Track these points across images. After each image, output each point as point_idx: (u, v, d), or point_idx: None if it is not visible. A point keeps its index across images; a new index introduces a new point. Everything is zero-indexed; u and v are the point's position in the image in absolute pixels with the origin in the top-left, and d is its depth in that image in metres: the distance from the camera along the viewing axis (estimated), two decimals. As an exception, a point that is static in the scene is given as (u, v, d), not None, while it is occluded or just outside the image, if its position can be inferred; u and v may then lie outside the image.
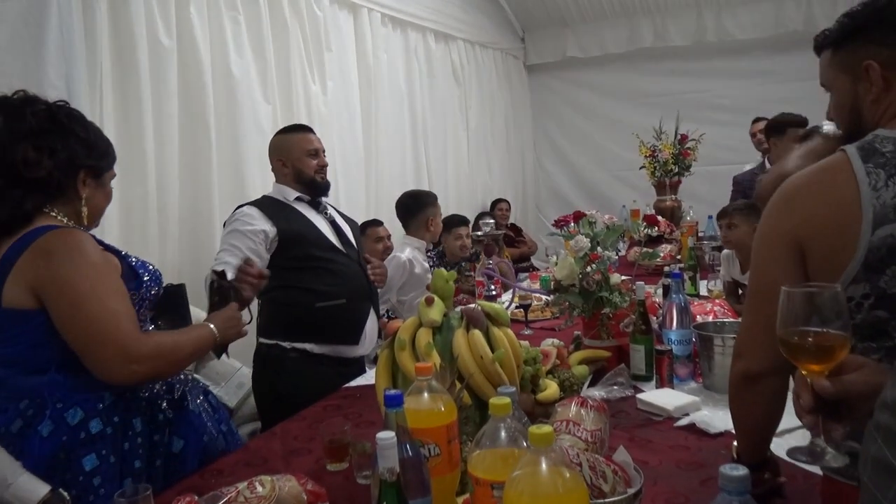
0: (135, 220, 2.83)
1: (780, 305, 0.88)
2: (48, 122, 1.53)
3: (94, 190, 1.61)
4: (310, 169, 2.50)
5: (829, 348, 0.84)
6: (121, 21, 2.76)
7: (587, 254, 2.14)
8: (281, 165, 2.52)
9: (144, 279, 1.62)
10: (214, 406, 1.87)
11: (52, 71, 2.39)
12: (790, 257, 1.07)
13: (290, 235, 2.37)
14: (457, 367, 1.40)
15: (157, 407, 1.63)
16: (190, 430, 1.68)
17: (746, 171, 4.15)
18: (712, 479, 1.31)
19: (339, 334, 2.44)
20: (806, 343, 0.85)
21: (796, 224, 1.07)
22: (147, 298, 1.63)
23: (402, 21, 4.97)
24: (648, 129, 5.19)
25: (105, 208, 1.69)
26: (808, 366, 0.86)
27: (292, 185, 2.50)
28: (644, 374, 2.03)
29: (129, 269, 1.60)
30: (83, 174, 1.57)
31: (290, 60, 3.72)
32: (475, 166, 6.14)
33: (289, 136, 2.58)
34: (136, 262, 1.65)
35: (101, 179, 1.63)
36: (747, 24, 5.99)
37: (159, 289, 1.70)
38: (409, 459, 1.03)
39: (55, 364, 1.48)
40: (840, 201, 1.03)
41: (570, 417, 1.38)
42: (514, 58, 7.01)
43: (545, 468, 0.83)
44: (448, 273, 1.56)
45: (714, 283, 3.09)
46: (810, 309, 0.86)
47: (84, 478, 1.44)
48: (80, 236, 1.51)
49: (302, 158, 2.50)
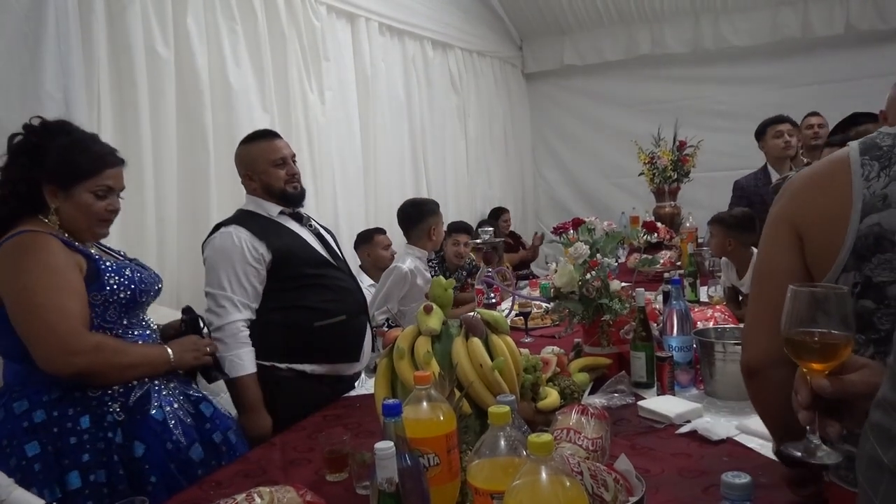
0: (133, 231, 2.82)
1: (785, 304, 0.88)
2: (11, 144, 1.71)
3: (64, 202, 1.72)
4: (278, 180, 2.32)
5: (832, 348, 0.84)
6: (118, 32, 2.77)
7: (586, 261, 2.13)
8: (248, 179, 2.36)
9: (109, 282, 1.71)
10: (207, 416, 1.86)
11: (49, 83, 2.38)
12: (789, 242, 1.12)
13: (282, 255, 2.24)
14: (456, 375, 1.39)
15: (107, 408, 1.69)
16: (150, 434, 1.71)
17: (749, 176, 4.15)
18: (715, 487, 1.29)
19: (341, 353, 2.33)
20: (809, 342, 0.85)
21: (795, 211, 1.13)
22: (115, 301, 1.73)
23: (399, 30, 4.98)
24: (647, 136, 5.20)
25: (87, 220, 1.75)
26: (811, 365, 0.86)
27: (266, 198, 2.35)
28: (645, 382, 2.01)
29: (93, 272, 1.71)
30: (49, 188, 1.70)
31: (287, 70, 3.72)
32: (474, 175, 6.15)
33: (251, 145, 2.38)
34: (108, 266, 1.74)
35: (70, 192, 1.72)
36: (745, 31, 6.01)
37: (137, 293, 1.77)
38: (408, 469, 1.02)
39: (16, 354, 1.66)
40: (835, 191, 1.08)
41: (571, 426, 1.37)
42: (512, 66, 7.03)
43: (545, 477, 0.82)
44: (447, 281, 1.55)
45: (714, 290, 3.08)
46: (815, 309, 0.86)
47: (26, 462, 1.58)
48: (42, 240, 1.65)
49: (268, 170, 2.32)
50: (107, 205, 1.78)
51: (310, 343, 2.27)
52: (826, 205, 1.09)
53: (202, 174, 3.13)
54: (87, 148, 1.75)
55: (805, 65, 5.81)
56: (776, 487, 1.35)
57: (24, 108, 2.25)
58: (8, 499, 1.32)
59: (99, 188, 1.75)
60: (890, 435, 0.68)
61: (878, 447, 0.70)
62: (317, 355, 2.28)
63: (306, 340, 2.26)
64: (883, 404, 0.69)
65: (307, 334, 2.26)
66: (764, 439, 1.59)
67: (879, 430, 0.69)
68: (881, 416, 0.69)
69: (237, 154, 2.44)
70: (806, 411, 0.86)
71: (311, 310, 2.27)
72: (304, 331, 2.26)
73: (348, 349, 2.34)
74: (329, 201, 3.95)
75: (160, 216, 2.93)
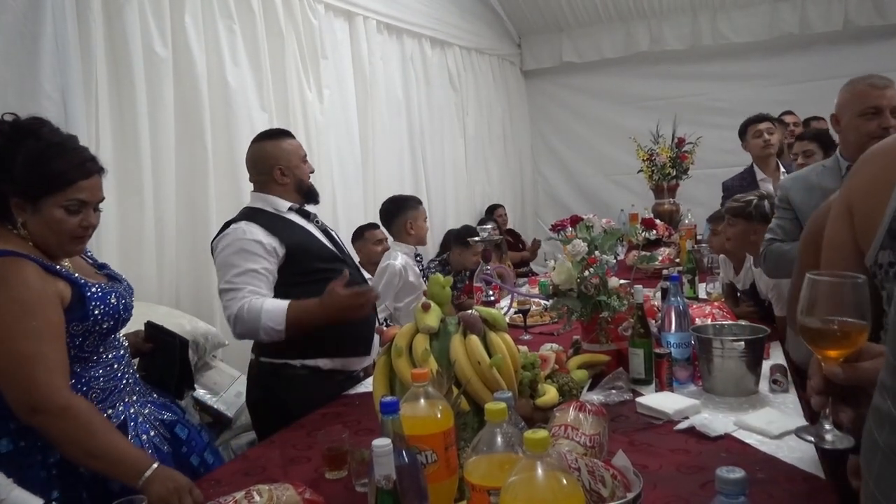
0: (131, 231, 2.83)
1: (802, 291, 0.88)
2: None
3: (31, 216, 1.52)
4: (306, 176, 2.39)
5: (847, 336, 0.84)
6: (116, 31, 2.77)
7: (585, 258, 2.13)
8: (280, 175, 2.33)
9: (94, 312, 1.55)
10: (183, 439, 1.78)
11: (46, 82, 2.38)
12: (843, 216, 1.11)
13: (296, 249, 2.23)
14: (454, 372, 1.40)
15: None
16: None
17: (735, 177, 4.14)
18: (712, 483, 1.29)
19: (354, 346, 2.32)
20: (825, 330, 0.85)
21: (852, 186, 1.12)
22: (96, 332, 1.58)
23: (397, 28, 4.98)
24: (646, 133, 5.21)
25: (56, 238, 1.55)
26: (826, 352, 0.86)
27: (288, 194, 2.34)
28: (643, 378, 2.02)
29: (78, 300, 1.54)
30: (15, 200, 1.52)
31: (285, 69, 3.72)
32: (473, 173, 6.15)
33: (281, 142, 2.37)
34: (95, 293, 1.58)
35: (38, 206, 1.52)
36: (743, 28, 6.01)
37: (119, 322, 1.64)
38: (406, 467, 1.03)
39: None
40: (887, 169, 1.05)
41: (569, 422, 1.37)
42: (510, 63, 7.03)
43: (541, 474, 0.82)
44: (444, 279, 1.55)
45: (713, 286, 3.08)
46: (832, 297, 0.86)
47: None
48: (15, 268, 1.45)
49: (300, 166, 2.36)
50: (80, 220, 1.55)
51: (323, 337, 2.24)
52: (874, 181, 1.06)
53: (200, 173, 3.14)
54: (57, 156, 1.52)
55: (803, 61, 5.81)
56: (773, 482, 1.36)
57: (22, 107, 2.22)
58: (7, 498, 1.32)
59: (70, 203, 1.52)
60: (881, 415, 0.70)
61: (874, 427, 0.71)
62: (331, 349, 2.27)
63: (319, 334, 2.23)
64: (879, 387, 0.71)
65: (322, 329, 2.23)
66: (762, 435, 1.60)
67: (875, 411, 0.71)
68: (877, 398, 0.71)
69: (264, 150, 2.36)
70: (819, 396, 0.87)
71: None
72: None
73: (360, 342, 2.35)
74: (328, 199, 3.95)
75: (158, 216, 2.93)
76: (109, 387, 1.64)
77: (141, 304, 2.46)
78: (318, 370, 2.27)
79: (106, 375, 1.64)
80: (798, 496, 1.28)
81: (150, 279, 2.87)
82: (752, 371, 1.90)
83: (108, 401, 1.63)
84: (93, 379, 1.60)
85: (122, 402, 1.66)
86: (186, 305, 3.01)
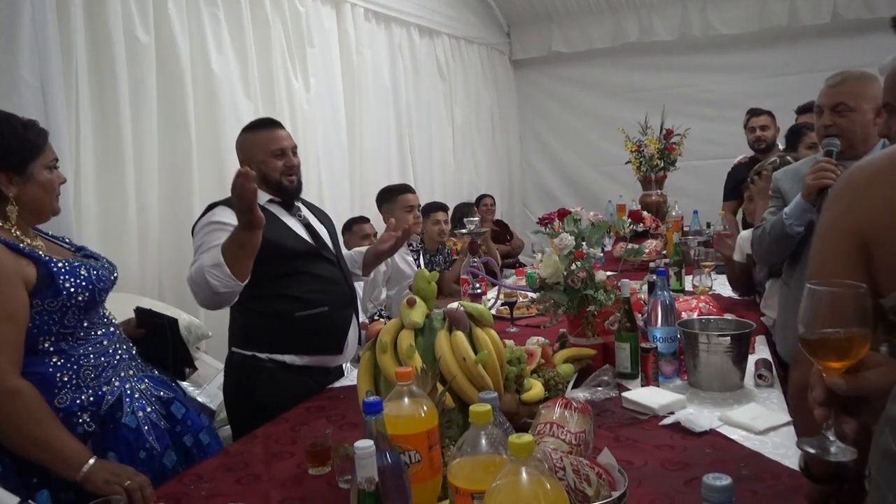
0: (113, 220, 2.79)
1: (802, 303, 0.85)
2: None
3: (24, 185, 1.58)
4: (275, 171, 2.28)
5: (849, 347, 0.82)
6: (96, 17, 2.71)
7: (572, 252, 2.12)
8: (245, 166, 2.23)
9: (65, 286, 1.57)
10: (178, 418, 1.79)
11: (25, 69, 2.33)
12: (855, 254, 0.96)
13: (267, 242, 2.14)
14: (439, 369, 1.38)
15: (77, 419, 1.58)
16: (122, 444, 1.63)
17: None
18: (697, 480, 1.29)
19: (322, 345, 2.29)
20: (827, 342, 0.83)
21: (862, 217, 0.97)
22: (73, 306, 1.59)
23: (385, 16, 4.93)
24: (634, 124, 5.20)
25: (49, 197, 1.63)
26: (827, 363, 0.84)
27: (260, 187, 2.25)
28: (629, 372, 2.02)
29: (46, 277, 1.55)
30: (3, 176, 1.55)
31: (271, 57, 3.67)
32: (461, 162, 6.12)
33: (253, 134, 2.34)
34: (61, 268, 1.59)
35: (27, 172, 1.58)
36: (732, 19, 6.00)
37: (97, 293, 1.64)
38: (389, 467, 1.01)
39: None
40: None
41: (554, 420, 1.36)
42: (499, 53, 6.99)
43: (525, 478, 0.81)
44: (430, 274, 1.53)
45: (699, 279, 3.08)
46: (833, 308, 0.83)
47: None
48: None
49: (267, 160, 2.27)
50: (58, 176, 1.66)
51: (290, 333, 2.24)
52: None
53: (184, 163, 3.09)
54: (21, 124, 1.60)
55: (792, 53, 5.82)
56: (757, 479, 1.36)
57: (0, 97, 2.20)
58: None
59: (51, 161, 1.64)
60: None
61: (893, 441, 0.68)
62: (297, 346, 2.25)
63: (287, 331, 2.23)
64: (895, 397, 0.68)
65: (288, 324, 2.23)
66: (747, 430, 1.60)
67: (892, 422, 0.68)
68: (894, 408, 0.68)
69: (238, 140, 2.39)
70: (821, 408, 0.85)
71: (292, 300, 2.23)
72: (285, 321, 2.23)
73: (330, 341, 2.31)
74: (314, 189, 3.91)
75: (141, 205, 2.89)
76: (101, 363, 1.65)
77: (124, 296, 2.43)
78: (286, 365, 2.25)
79: (96, 353, 1.65)
80: (782, 493, 1.28)
81: (132, 270, 2.83)
82: (738, 366, 1.90)
83: (101, 377, 1.64)
84: (82, 356, 1.62)
85: (117, 378, 1.67)
86: (170, 296, 2.97)
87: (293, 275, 2.24)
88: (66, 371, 1.58)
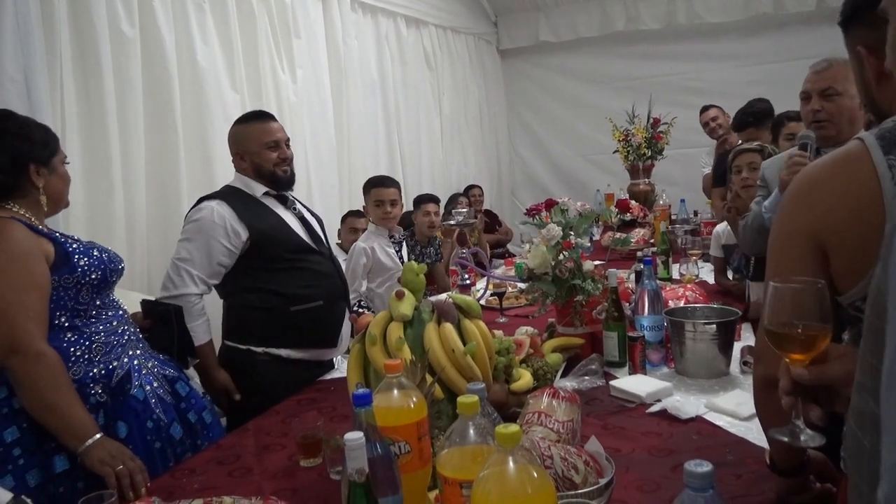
0: (101, 214, 2.77)
1: (766, 299, 0.90)
2: None
3: (49, 177, 1.74)
4: (269, 162, 2.32)
5: (811, 340, 0.87)
6: (80, 10, 2.69)
7: (559, 242, 2.13)
8: (239, 159, 2.36)
9: (80, 264, 1.69)
10: (183, 395, 1.89)
11: (9, 63, 2.31)
12: (811, 256, 0.98)
13: (262, 236, 2.22)
14: (428, 360, 1.39)
15: (89, 389, 1.69)
16: (131, 414, 1.73)
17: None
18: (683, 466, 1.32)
19: (317, 338, 2.32)
20: (790, 335, 0.88)
21: (815, 220, 0.98)
22: (87, 283, 1.71)
23: (372, 7, 4.91)
24: (622, 112, 5.21)
25: (65, 189, 1.81)
26: (792, 355, 0.89)
27: (255, 178, 2.34)
28: (617, 361, 2.04)
29: (63, 256, 1.68)
30: (34, 167, 1.70)
31: (257, 48, 3.65)
32: (449, 153, 6.12)
33: (246, 126, 2.38)
34: (76, 248, 1.72)
35: (51, 165, 1.74)
36: (718, 8, 6.01)
37: (108, 273, 1.76)
38: (379, 458, 1.02)
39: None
40: (859, 197, 0.93)
41: (542, 409, 1.38)
42: (486, 42, 6.98)
43: (513, 468, 0.83)
44: (418, 266, 1.54)
45: (686, 268, 3.11)
46: (795, 303, 0.88)
47: (4, 448, 1.55)
48: (3, 226, 1.61)
49: (260, 152, 2.31)
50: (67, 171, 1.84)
51: (286, 327, 2.26)
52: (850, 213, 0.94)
53: (171, 156, 3.08)
54: (37, 123, 1.79)
55: (777, 41, 5.83)
56: (742, 464, 1.39)
57: (-17, 90, 2.19)
58: None
59: (64, 157, 1.81)
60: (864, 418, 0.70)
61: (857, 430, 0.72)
62: (293, 340, 2.27)
63: (282, 324, 2.25)
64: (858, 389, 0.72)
65: (283, 318, 2.25)
66: (732, 417, 1.63)
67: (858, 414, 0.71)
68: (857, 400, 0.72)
69: (231, 133, 2.43)
70: (788, 397, 0.89)
71: (287, 294, 2.26)
72: (281, 315, 2.25)
73: (325, 335, 2.33)
74: (302, 181, 3.90)
75: (128, 199, 2.88)
76: (111, 341, 1.76)
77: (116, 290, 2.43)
78: (281, 358, 2.27)
79: (107, 331, 1.76)
80: (766, 477, 1.31)
81: (120, 264, 2.82)
82: (724, 353, 1.93)
83: (112, 353, 1.75)
84: (94, 333, 1.73)
85: (126, 355, 1.78)
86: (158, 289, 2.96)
87: (287, 269, 2.27)
88: (78, 346, 1.70)
